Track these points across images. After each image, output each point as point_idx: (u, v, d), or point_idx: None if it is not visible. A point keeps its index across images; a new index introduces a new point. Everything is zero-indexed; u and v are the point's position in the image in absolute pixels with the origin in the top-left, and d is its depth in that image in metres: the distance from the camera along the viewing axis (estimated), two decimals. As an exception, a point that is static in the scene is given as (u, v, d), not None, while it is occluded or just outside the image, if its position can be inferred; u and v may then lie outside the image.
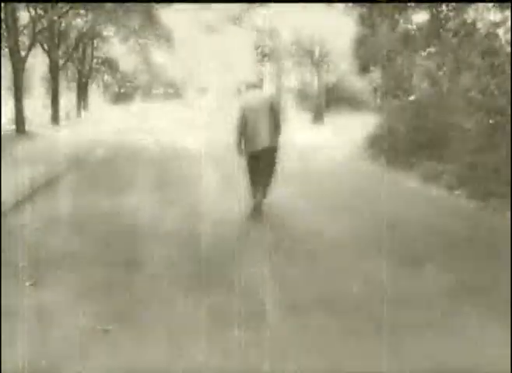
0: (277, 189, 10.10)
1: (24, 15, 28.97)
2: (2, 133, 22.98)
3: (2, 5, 24.10)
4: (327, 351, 4.63)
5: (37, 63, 38.20)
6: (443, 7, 16.60)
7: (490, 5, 14.33)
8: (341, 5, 26.03)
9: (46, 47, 33.66)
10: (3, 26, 25.63)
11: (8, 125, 26.41)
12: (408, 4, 17.58)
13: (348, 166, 15.74)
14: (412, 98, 17.22)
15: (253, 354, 4.57)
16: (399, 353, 4.58)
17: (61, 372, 4.35)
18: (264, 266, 6.67)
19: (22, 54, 27.46)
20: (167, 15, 39.66)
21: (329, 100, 33.32)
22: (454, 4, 16.31)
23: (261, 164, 9.62)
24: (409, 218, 9.13)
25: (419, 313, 5.35)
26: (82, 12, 33.28)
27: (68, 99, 43.19)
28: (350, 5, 24.36)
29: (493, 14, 14.17)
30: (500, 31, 13.73)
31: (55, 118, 33.83)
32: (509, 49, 13.18)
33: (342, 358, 4.54)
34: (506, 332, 4.86)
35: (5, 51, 27.59)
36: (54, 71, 34.41)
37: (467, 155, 12.50)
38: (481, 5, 14.84)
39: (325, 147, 19.58)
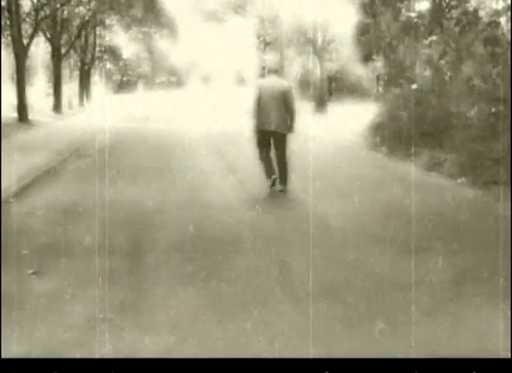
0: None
1: (27, 3, 28.98)
2: (5, 120, 22.97)
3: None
4: (330, 338, 4.66)
5: (40, 51, 38.20)
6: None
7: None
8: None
9: (48, 35, 33.64)
10: (6, 14, 25.62)
11: (11, 113, 26.41)
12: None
13: (350, 154, 15.75)
14: (414, 86, 17.20)
15: (256, 342, 4.61)
16: (401, 339, 4.62)
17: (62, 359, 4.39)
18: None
19: (25, 42, 27.46)
20: (170, 3, 39.62)
21: (332, 89, 33.30)
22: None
23: (271, 144, 10.45)
24: (411, 206, 9.14)
25: (420, 300, 5.37)
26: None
27: (70, 87, 43.15)
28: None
29: (495, 2, 14.14)
30: (502, 19, 13.70)
31: (57, 106, 33.84)
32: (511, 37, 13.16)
33: (345, 345, 4.57)
34: (507, 320, 4.90)
35: (8, 39, 27.63)
36: (56, 60, 34.40)
37: (469, 143, 12.50)
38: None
39: (328, 135, 19.58)
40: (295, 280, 5.99)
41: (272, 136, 10.39)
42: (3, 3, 24.89)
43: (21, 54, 26.52)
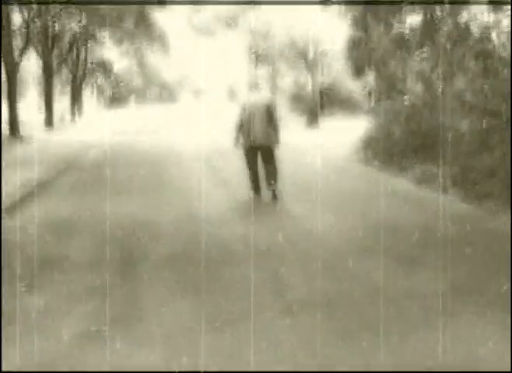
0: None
1: (17, 17, 28.98)
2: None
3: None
4: (321, 350, 4.63)
5: (31, 66, 38.19)
6: (437, 10, 16.63)
7: (484, 7, 14.35)
8: (335, 7, 26.09)
9: (39, 49, 33.62)
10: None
11: (2, 128, 26.33)
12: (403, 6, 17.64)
13: (342, 168, 15.74)
14: (405, 100, 17.24)
15: (248, 353, 4.57)
16: (394, 351, 4.59)
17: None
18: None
19: (16, 56, 27.44)
20: (161, 17, 39.74)
21: (323, 103, 33.37)
22: (447, 6, 16.34)
23: (260, 159, 10.81)
24: (403, 220, 9.13)
25: (413, 313, 5.35)
26: (75, 14, 33.32)
27: (62, 102, 43.13)
28: (344, 6, 24.42)
29: (487, 17, 14.20)
30: (493, 34, 13.76)
31: (49, 121, 33.79)
32: (502, 51, 13.21)
33: (337, 357, 4.54)
34: (498, 333, 4.89)
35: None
36: (47, 74, 34.35)
37: (461, 157, 12.51)
38: (474, 7, 14.87)
39: (319, 149, 19.60)
40: (288, 292, 5.95)
41: (259, 150, 10.73)
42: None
43: (12, 69, 26.48)
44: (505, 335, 4.84)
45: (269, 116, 10.66)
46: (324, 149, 19.68)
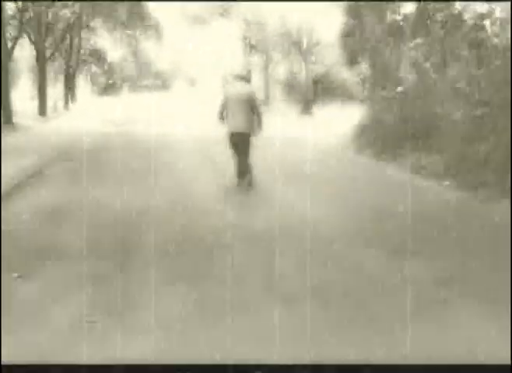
0: (264, 178, 10.66)
1: (10, 5, 28.83)
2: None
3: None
4: (315, 340, 4.64)
5: (24, 54, 37.99)
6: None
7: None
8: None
9: (32, 38, 33.44)
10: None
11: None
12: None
13: (335, 157, 15.73)
14: (399, 89, 17.23)
15: (242, 344, 4.59)
16: (387, 341, 4.61)
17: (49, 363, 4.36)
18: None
19: (9, 44, 27.31)
20: (155, 6, 39.52)
21: (317, 91, 33.31)
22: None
23: (239, 144, 11.11)
24: (397, 209, 9.14)
25: (406, 302, 5.37)
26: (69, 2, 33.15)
27: (55, 90, 42.95)
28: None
29: (480, 6, 14.20)
30: (487, 23, 13.76)
31: (42, 110, 33.64)
32: (495, 40, 13.22)
33: (331, 347, 4.55)
34: (491, 322, 4.91)
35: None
36: (40, 63, 34.18)
37: (454, 145, 12.52)
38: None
39: (313, 138, 19.59)
40: (282, 281, 5.96)
41: (238, 136, 11.05)
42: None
43: (5, 58, 26.35)
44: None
45: (251, 105, 11.02)
46: (318, 138, 19.68)
